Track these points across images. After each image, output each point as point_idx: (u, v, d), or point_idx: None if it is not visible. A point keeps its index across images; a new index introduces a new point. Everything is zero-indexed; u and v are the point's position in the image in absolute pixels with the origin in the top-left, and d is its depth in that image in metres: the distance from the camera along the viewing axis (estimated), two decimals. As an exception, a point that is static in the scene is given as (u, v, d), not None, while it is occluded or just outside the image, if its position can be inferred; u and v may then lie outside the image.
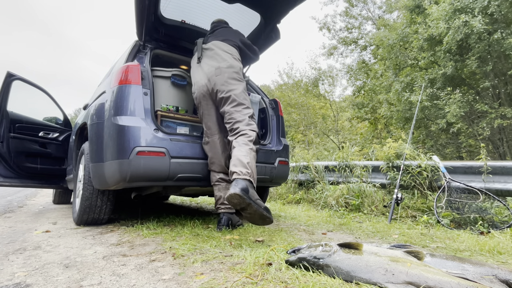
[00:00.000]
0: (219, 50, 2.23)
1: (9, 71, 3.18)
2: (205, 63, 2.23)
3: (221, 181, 2.11)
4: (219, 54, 2.21)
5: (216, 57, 2.21)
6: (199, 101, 2.20)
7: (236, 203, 1.63)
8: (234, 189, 1.62)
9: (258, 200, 1.70)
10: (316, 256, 1.16)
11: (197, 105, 2.25)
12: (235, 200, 1.62)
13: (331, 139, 16.65)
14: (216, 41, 2.28)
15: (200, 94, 2.18)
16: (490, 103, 7.92)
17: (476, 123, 8.15)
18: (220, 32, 2.38)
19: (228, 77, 2.13)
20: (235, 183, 1.70)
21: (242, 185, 1.66)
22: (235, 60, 2.24)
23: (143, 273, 1.15)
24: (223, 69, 2.14)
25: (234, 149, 1.90)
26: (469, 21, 6.83)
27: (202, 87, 2.17)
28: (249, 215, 1.68)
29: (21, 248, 1.59)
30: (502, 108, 7.48)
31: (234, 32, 2.42)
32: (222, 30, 2.41)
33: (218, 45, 2.26)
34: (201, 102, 2.20)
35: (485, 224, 2.30)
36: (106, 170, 1.94)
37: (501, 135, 8.31)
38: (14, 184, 3.14)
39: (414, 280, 0.94)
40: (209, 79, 2.15)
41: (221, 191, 2.09)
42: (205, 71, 2.19)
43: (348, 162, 3.99)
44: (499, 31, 6.89)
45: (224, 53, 2.22)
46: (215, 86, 2.12)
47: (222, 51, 2.23)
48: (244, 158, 1.83)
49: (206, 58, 2.25)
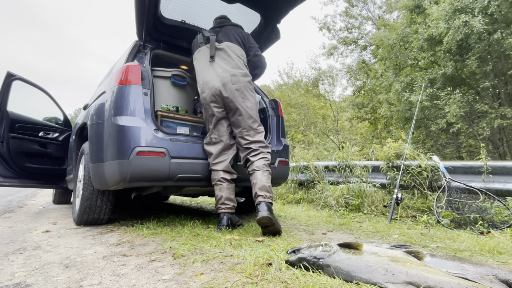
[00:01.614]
0: (232, 54, 2.21)
1: (9, 71, 3.18)
2: (218, 64, 2.19)
3: (223, 181, 2.11)
4: (232, 58, 2.20)
5: (230, 61, 2.19)
6: (208, 102, 2.18)
7: (265, 223, 1.86)
8: (264, 212, 1.87)
9: (276, 218, 1.93)
10: (316, 256, 1.16)
11: (204, 105, 2.22)
12: (265, 221, 1.85)
13: (331, 139, 16.65)
14: (230, 43, 2.25)
15: (211, 95, 2.16)
16: (490, 103, 7.91)
17: (476, 123, 8.15)
18: (230, 32, 2.32)
19: (244, 88, 2.16)
20: (262, 206, 1.92)
21: (268, 207, 1.91)
22: (246, 67, 2.27)
23: (143, 273, 1.15)
24: (240, 78, 2.15)
25: (258, 173, 2.05)
26: (469, 21, 6.83)
27: (215, 89, 2.14)
28: (268, 230, 1.90)
29: (21, 248, 1.59)
30: (502, 108, 7.48)
31: (245, 35, 2.38)
32: (232, 29, 2.35)
33: (232, 48, 2.24)
34: (210, 104, 2.18)
35: (485, 224, 2.30)
36: (106, 170, 1.94)
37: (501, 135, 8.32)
38: (14, 184, 3.14)
39: (414, 280, 0.94)
40: (224, 84, 2.13)
41: (222, 191, 2.09)
42: (218, 74, 2.15)
43: (348, 162, 3.99)
44: (499, 31, 6.89)
45: (237, 59, 2.21)
46: (231, 95, 2.12)
47: (236, 55, 2.22)
48: (267, 182, 2.03)
49: (219, 58, 2.21)
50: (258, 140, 2.16)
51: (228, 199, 2.09)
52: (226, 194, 2.08)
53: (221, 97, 2.15)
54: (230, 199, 2.10)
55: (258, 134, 2.18)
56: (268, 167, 2.11)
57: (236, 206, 2.16)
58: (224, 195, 2.08)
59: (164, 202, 4.66)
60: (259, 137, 2.18)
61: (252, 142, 2.15)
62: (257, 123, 2.21)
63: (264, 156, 2.13)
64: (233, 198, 2.13)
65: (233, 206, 2.11)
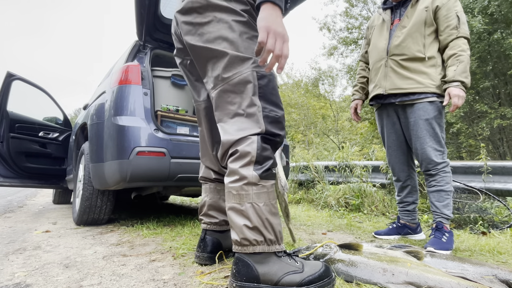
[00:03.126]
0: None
1: (9, 71, 3.18)
2: None
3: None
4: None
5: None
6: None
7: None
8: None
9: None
10: (316, 257, 1.16)
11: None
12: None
13: (331, 139, 16.66)
14: None
15: None
16: (490, 103, 7.92)
17: (476, 123, 8.15)
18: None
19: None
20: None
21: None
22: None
23: (143, 273, 1.15)
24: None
25: None
26: (469, 21, 6.83)
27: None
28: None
29: (21, 248, 1.59)
30: (502, 108, 7.48)
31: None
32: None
33: None
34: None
35: (485, 224, 2.30)
36: (106, 170, 1.94)
37: (501, 135, 8.32)
38: (14, 184, 3.14)
39: (414, 280, 0.94)
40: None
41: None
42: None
43: (348, 162, 3.99)
44: (499, 31, 6.90)
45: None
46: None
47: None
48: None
49: None
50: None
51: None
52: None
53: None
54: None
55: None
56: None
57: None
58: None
59: (164, 202, 4.66)
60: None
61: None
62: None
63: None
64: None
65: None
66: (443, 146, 1.70)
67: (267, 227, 0.93)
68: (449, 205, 1.65)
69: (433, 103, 1.67)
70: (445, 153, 1.71)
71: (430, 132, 1.67)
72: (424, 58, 1.67)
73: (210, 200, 1.30)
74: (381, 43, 1.85)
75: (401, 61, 1.73)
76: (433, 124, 1.67)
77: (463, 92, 1.56)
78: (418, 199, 1.93)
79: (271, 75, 1.04)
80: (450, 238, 1.60)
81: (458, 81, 1.56)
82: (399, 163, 1.91)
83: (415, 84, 1.68)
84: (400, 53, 1.73)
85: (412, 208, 1.91)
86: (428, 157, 1.68)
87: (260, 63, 0.90)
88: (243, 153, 0.96)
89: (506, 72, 7.36)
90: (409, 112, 1.74)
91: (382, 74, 1.81)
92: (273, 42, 0.87)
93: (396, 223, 1.97)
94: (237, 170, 0.96)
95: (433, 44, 1.69)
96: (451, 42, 1.63)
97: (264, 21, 0.88)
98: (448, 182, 1.66)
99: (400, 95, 1.75)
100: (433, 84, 1.66)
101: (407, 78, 1.70)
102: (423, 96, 1.67)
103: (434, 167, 1.67)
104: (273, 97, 1.03)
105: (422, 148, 1.69)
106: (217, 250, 1.26)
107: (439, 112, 1.68)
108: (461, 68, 1.55)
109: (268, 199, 0.96)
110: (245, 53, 1.01)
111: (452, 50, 1.61)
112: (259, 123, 0.98)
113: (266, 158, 0.98)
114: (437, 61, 1.68)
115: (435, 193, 1.68)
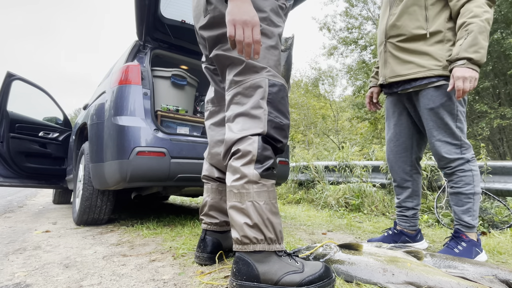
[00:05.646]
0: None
1: (9, 71, 3.18)
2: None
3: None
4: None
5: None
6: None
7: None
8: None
9: None
10: (316, 257, 1.16)
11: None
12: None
13: (331, 139, 16.66)
14: None
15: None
16: (490, 103, 7.92)
17: (476, 123, 8.15)
18: None
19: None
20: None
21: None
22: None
23: (143, 273, 1.15)
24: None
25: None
26: (469, 21, 6.83)
27: None
28: None
29: (21, 248, 1.59)
30: (502, 108, 7.49)
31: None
32: None
33: None
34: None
35: (485, 224, 2.30)
36: (106, 170, 1.94)
37: (501, 135, 8.32)
38: (14, 184, 3.14)
39: (414, 280, 0.94)
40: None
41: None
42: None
43: (348, 162, 3.99)
44: (499, 31, 6.90)
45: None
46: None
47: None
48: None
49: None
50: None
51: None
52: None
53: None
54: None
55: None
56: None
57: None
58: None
59: (164, 202, 4.66)
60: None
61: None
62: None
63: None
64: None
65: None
66: (458, 138, 1.39)
67: (267, 226, 0.94)
68: (470, 210, 1.39)
69: (439, 88, 1.38)
70: (463, 147, 1.40)
71: (438, 123, 1.40)
72: (425, 34, 1.39)
73: (212, 200, 1.31)
74: (382, 24, 1.58)
75: (399, 43, 1.47)
76: (440, 113, 1.39)
77: (470, 71, 1.23)
78: (419, 205, 1.66)
79: (282, 86, 1.07)
80: (467, 249, 1.35)
81: (463, 59, 1.25)
82: (398, 161, 1.64)
83: (415, 69, 1.42)
84: (397, 34, 1.48)
85: (411, 214, 1.64)
86: (437, 153, 1.42)
87: (238, 53, 0.94)
88: (245, 152, 0.99)
89: (506, 72, 7.36)
90: (415, 101, 1.50)
91: (382, 60, 1.59)
92: (240, 32, 0.91)
93: (392, 229, 1.70)
94: (238, 168, 0.98)
95: (440, 15, 1.39)
96: (462, 7, 1.31)
97: (229, 15, 0.92)
98: (469, 182, 1.39)
99: (401, 83, 1.50)
100: (438, 65, 1.37)
101: (406, 62, 1.45)
102: (426, 81, 1.40)
103: (447, 164, 1.41)
104: (281, 105, 1.05)
105: (431, 143, 1.45)
106: (217, 250, 1.26)
107: (448, 97, 1.38)
108: (469, 41, 1.24)
109: (269, 198, 0.97)
110: (261, 62, 1.05)
111: (462, 18, 1.30)
112: (262, 124, 1.01)
113: (267, 157, 1.00)
114: (445, 35, 1.37)
115: (453, 195, 1.44)
